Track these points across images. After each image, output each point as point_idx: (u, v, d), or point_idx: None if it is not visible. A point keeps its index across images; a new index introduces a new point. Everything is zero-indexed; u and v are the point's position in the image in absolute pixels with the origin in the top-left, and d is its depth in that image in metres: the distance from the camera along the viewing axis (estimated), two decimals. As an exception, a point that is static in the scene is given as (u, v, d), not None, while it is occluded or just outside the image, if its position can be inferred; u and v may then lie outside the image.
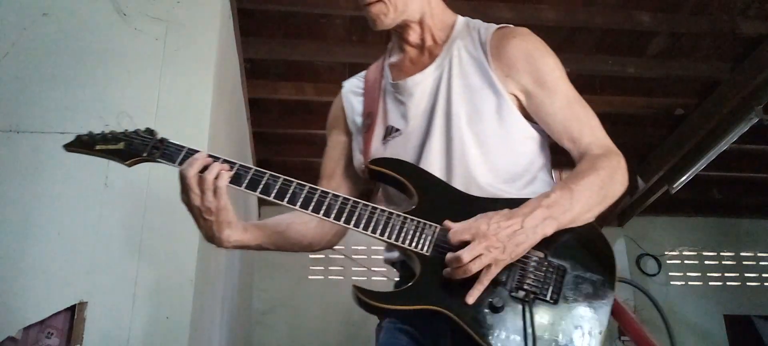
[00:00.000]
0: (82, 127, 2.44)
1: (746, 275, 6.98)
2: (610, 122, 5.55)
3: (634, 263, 6.82)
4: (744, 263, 7.03)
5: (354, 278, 6.26)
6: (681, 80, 4.46)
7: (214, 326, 3.17)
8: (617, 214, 6.70)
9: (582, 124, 1.28)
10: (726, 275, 6.97)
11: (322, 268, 6.34)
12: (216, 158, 1.22)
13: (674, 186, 5.52)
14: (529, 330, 1.07)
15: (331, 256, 6.30)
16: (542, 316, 1.10)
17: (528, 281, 1.12)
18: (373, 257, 6.26)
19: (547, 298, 1.11)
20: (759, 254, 7.05)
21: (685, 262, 6.99)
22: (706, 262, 7.01)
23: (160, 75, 2.62)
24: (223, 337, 3.57)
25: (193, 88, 2.64)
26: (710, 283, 6.92)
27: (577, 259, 1.15)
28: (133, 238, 2.38)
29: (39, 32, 2.62)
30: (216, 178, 1.19)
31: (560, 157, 1.40)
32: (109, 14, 2.69)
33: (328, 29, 3.89)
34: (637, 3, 3.74)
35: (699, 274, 6.96)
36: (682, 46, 4.15)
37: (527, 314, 1.09)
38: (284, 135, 5.35)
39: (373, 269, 6.27)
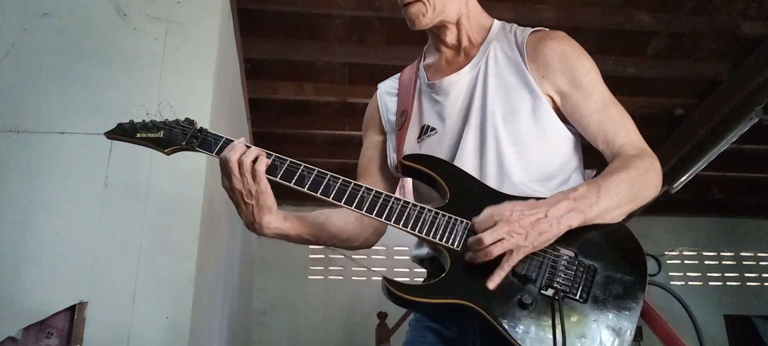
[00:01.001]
0: (82, 128, 2.46)
1: (746, 275, 6.99)
2: (610, 122, 5.41)
3: (634, 264, 6.82)
4: (744, 263, 7.04)
5: (354, 278, 6.26)
6: (681, 80, 4.46)
7: (214, 326, 3.17)
8: (617, 214, 6.70)
9: (617, 127, 1.29)
10: (726, 275, 6.97)
11: (322, 268, 6.35)
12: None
13: (674, 186, 5.52)
14: (558, 328, 1.07)
15: (331, 256, 6.31)
16: (571, 315, 1.10)
17: (558, 279, 1.12)
18: (373, 257, 6.27)
19: (577, 297, 1.11)
20: (759, 254, 7.06)
21: (685, 262, 7.00)
22: (706, 262, 7.02)
23: (160, 75, 2.62)
24: (223, 337, 3.57)
25: (193, 88, 2.64)
26: (710, 283, 6.92)
27: (608, 259, 1.15)
28: (133, 238, 2.38)
29: (39, 32, 2.62)
30: (254, 161, 1.21)
31: (589, 159, 1.41)
32: (109, 14, 2.69)
33: (328, 29, 3.89)
34: (637, 3, 3.74)
35: (699, 274, 6.96)
36: (682, 46, 4.15)
37: (556, 313, 1.09)
38: (284, 135, 5.36)
39: (373, 269, 6.27)
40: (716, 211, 6.96)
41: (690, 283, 6.91)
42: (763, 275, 7.01)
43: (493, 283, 1.10)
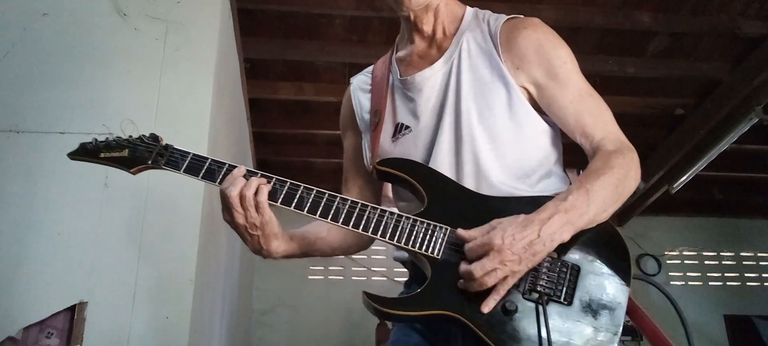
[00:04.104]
0: (82, 128, 2.45)
1: (746, 275, 6.98)
2: (610, 122, 5.40)
3: (634, 263, 6.77)
4: (744, 263, 7.03)
5: (354, 278, 6.26)
6: (681, 80, 4.46)
7: (214, 326, 3.17)
8: (617, 213, 6.70)
9: (595, 119, 1.25)
10: (726, 275, 6.97)
11: (322, 268, 6.35)
12: (253, 174, 1.21)
13: (674, 186, 5.52)
14: (544, 333, 1.05)
15: (330, 257, 6.30)
16: (556, 317, 1.08)
17: (541, 283, 1.10)
18: (372, 257, 6.26)
19: (561, 299, 1.09)
20: (759, 254, 7.05)
21: (685, 262, 6.99)
22: (706, 262, 7.02)
23: (160, 75, 2.62)
24: (223, 337, 3.57)
25: (193, 88, 2.64)
26: (710, 283, 6.92)
27: (591, 257, 1.13)
28: (133, 238, 2.38)
29: (39, 32, 2.62)
30: (256, 193, 1.17)
31: (567, 158, 1.39)
32: (109, 14, 2.69)
33: (328, 29, 3.89)
34: (637, 3, 3.74)
35: (699, 274, 6.96)
36: (682, 46, 4.15)
37: (541, 317, 1.07)
38: (284, 135, 5.36)
39: (373, 269, 6.27)
40: (716, 211, 6.95)
41: (690, 283, 6.91)
42: (763, 275, 7.00)
43: (487, 307, 1.08)
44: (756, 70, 4.10)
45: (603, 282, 1.11)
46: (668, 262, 6.92)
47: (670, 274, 6.90)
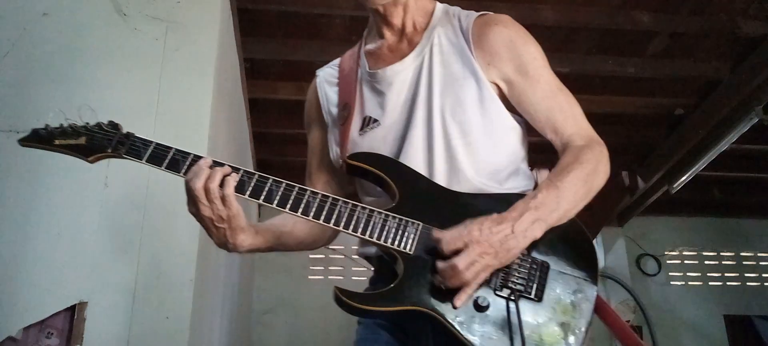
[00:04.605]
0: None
1: (746, 275, 6.99)
2: (610, 122, 5.55)
3: (634, 263, 6.82)
4: (744, 263, 7.03)
5: (354, 278, 6.26)
6: (681, 80, 4.46)
7: (214, 326, 3.17)
8: (617, 214, 6.70)
9: (565, 115, 1.25)
10: (726, 275, 6.97)
11: (322, 268, 6.34)
12: (220, 165, 1.18)
13: (674, 186, 5.52)
14: (515, 329, 1.07)
15: (331, 256, 6.30)
16: (527, 313, 1.10)
17: (512, 279, 1.11)
18: (373, 257, 6.26)
19: (532, 295, 1.11)
20: (759, 254, 7.06)
21: (685, 262, 7.00)
22: (706, 262, 7.02)
23: (160, 75, 2.62)
24: (223, 337, 3.57)
25: (193, 88, 2.64)
26: (710, 283, 6.92)
27: (560, 254, 1.15)
28: (133, 238, 2.38)
29: (39, 32, 2.62)
30: (222, 185, 1.15)
31: (535, 156, 1.39)
32: (109, 14, 2.68)
33: (328, 29, 3.89)
34: (637, 3, 3.74)
35: (699, 274, 6.96)
36: (682, 46, 4.14)
37: (512, 313, 1.08)
38: (284, 135, 5.35)
39: (372, 268, 6.27)
40: (716, 211, 6.95)
41: (690, 283, 6.91)
42: (763, 275, 7.00)
43: (460, 301, 1.08)
44: (756, 70, 4.10)
45: (571, 279, 1.13)
46: (668, 262, 6.92)
47: (670, 274, 6.90)
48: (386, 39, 1.36)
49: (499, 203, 1.14)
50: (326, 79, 1.47)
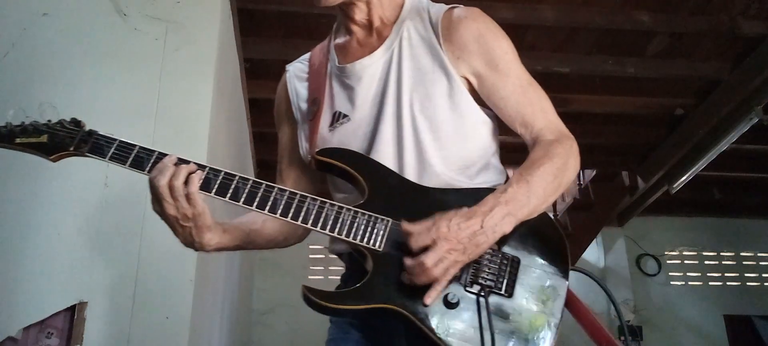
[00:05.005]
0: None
1: (746, 275, 6.99)
2: (610, 122, 5.54)
3: (634, 263, 6.83)
4: (744, 263, 7.04)
5: (354, 278, 6.26)
6: (681, 80, 4.46)
7: (214, 326, 3.17)
8: (617, 214, 6.70)
9: (535, 109, 1.24)
10: (726, 275, 6.97)
11: (322, 268, 6.35)
12: (186, 162, 1.16)
13: (674, 186, 5.52)
14: (486, 325, 1.06)
15: (331, 256, 6.30)
16: (497, 309, 1.09)
17: (482, 275, 1.10)
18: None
19: (502, 291, 1.10)
20: (759, 254, 7.06)
21: (685, 262, 7.00)
22: (706, 262, 7.02)
23: (160, 75, 2.62)
24: (223, 337, 3.57)
25: (193, 88, 2.63)
26: (710, 283, 6.92)
27: (530, 249, 1.14)
28: (133, 238, 2.37)
29: (39, 32, 2.61)
30: (186, 183, 1.13)
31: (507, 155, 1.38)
32: (109, 14, 2.68)
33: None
34: (637, 3, 3.74)
35: (699, 274, 6.96)
36: (682, 46, 4.15)
37: (482, 309, 1.07)
38: (284, 135, 5.34)
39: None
40: (716, 211, 6.96)
41: (690, 283, 6.91)
42: (763, 275, 7.01)
43: (430, 298, 1.07)
44: (756, 70, 4.10)
45: (542, 274, 1.12)
46: (668, 262, 6.93)
47: (670, 274, 6.90)
48: (354, 33, 1.34)
49: (469, 198, 1.12)
50: (296, 74, 1.44)
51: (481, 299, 1.08)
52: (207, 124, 2.59)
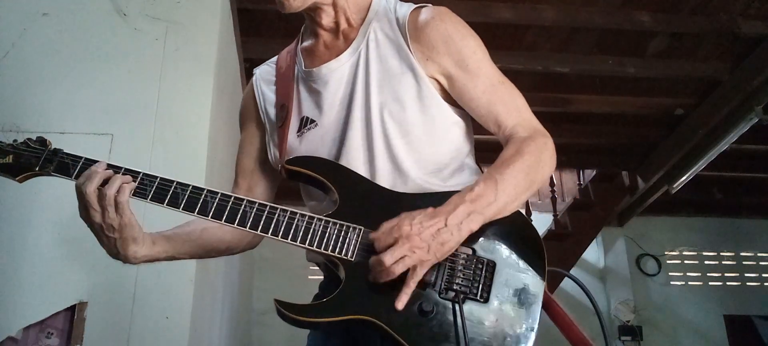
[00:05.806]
0: (82, 128, 2.46)
1: (746, 275, 6.99)
2: (610, 122, 5.53)
3: (634, 263, 6.83)
4: (744, 263, 7.04)
5: (354, 278, 6.26)
6: (681, 80, 4.46)
7: (214, 326, 3.17)
8: (617, 214, 6.70)
9: (507, 107, 1.21)
10: (726, 275, 6.97)
11: (322, 268, 6.35)
12: (117, 169, 1.14)
13: (674, 186, 5.53)
14: (461, 332, 1.03)
15: (331, 256, 6.30)
16: (473, 316, 1.06)
17: (457, 281, 1.07)
18: (373, 257, 6.27)
19: (478, 296, 1.07)
20: (759, 254, 7.06)
21: (685, 262, 7.00)
22: (706, 262, 7.02)
23: (160, 75, 2.62)
24: (223, 337, 3.57)
25: (193, 89, 2.64)
26: (710, 283, 6.92)
27: (507, 252, 1.11)
28: (133, 238, 2.37)
29: (39, 32, 2.62)
30: (117, 192, 1.11)
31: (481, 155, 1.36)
32: (109, 14, 2.69)
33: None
34: (637, 3, 3.74)
35: (699, 274, 6.96)
36: (682, 46, 4.15)
37: (458, 316, 1.04)
38: (284, 135, 5.35)
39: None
40: (716, 211, 6.96)
41: (690, 283, 6.91)
42: (763, 275, 7.01)
43: (401, 303, 1.04)
44: (756, 70, 4.10)
45: (518, 277, 1.09)
46: (668, 262, 6.93)
47: (670, 274, 6.90)
48: (321, 36, 1.31)
49: (441, 202, 1.09)
50: (263, 78, 1.40)
51: (456, 306, 1.05)
52: (207, 125, 2.59)
